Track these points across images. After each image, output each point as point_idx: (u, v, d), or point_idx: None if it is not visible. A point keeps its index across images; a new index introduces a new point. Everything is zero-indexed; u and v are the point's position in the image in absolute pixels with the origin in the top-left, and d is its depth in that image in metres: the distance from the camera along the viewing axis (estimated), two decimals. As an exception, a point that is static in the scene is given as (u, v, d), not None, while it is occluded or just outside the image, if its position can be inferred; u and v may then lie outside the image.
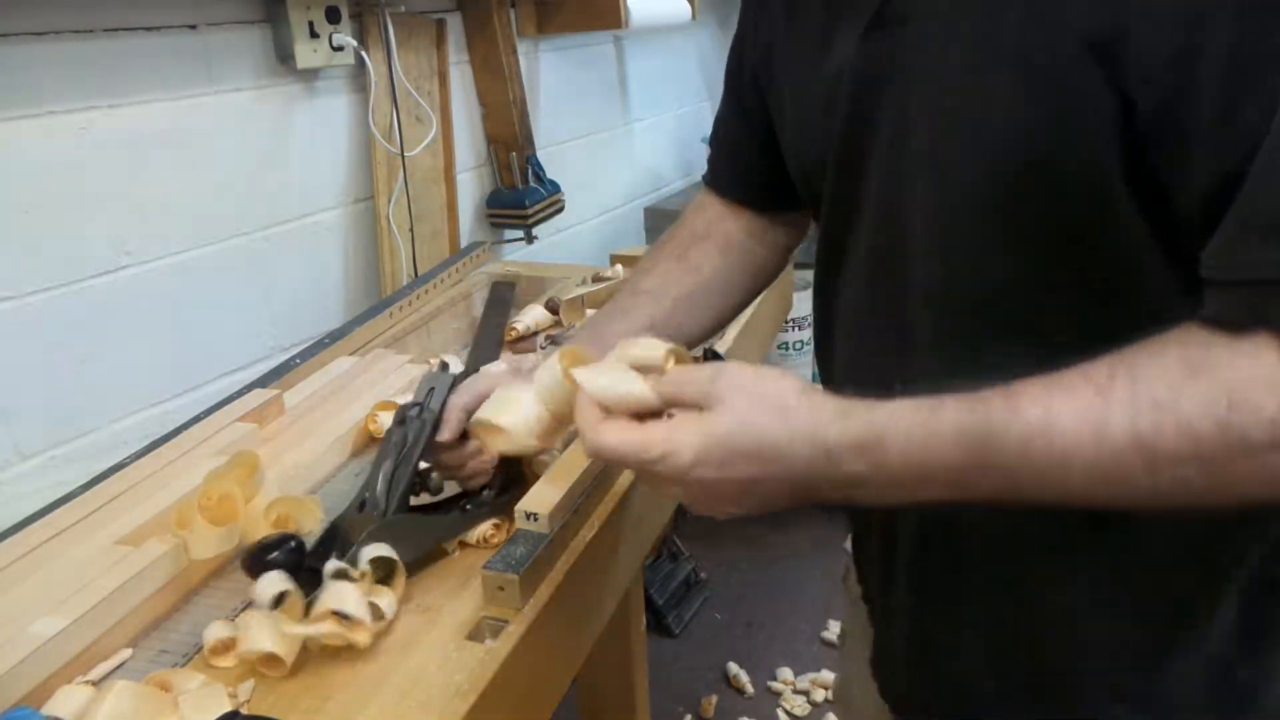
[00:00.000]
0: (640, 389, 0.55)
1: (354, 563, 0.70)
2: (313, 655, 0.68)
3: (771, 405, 0.51)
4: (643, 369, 0.57)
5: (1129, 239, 0.51)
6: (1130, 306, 0.53)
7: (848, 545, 0.80)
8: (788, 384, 0.52)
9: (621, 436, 0.53)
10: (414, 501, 0.79)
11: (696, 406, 0.52)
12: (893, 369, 0.62)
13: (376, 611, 0.68)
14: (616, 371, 0.56)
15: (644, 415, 0.55)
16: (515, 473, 0.84)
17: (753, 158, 0.80)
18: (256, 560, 0.69)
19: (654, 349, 0.58)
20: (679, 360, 0.58)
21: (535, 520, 0.74)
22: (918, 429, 0.49)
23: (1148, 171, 0.49)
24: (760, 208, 0.83)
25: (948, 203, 0.56)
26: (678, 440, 0.51)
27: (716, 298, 0.83)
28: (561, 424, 0.68)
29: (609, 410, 0.55)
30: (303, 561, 0.71)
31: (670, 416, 0.54)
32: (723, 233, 0.83)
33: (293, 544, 0.71)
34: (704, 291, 0.82)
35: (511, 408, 0.68)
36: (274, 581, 0.67)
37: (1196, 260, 0.48)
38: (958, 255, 0.57)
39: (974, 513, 0.52)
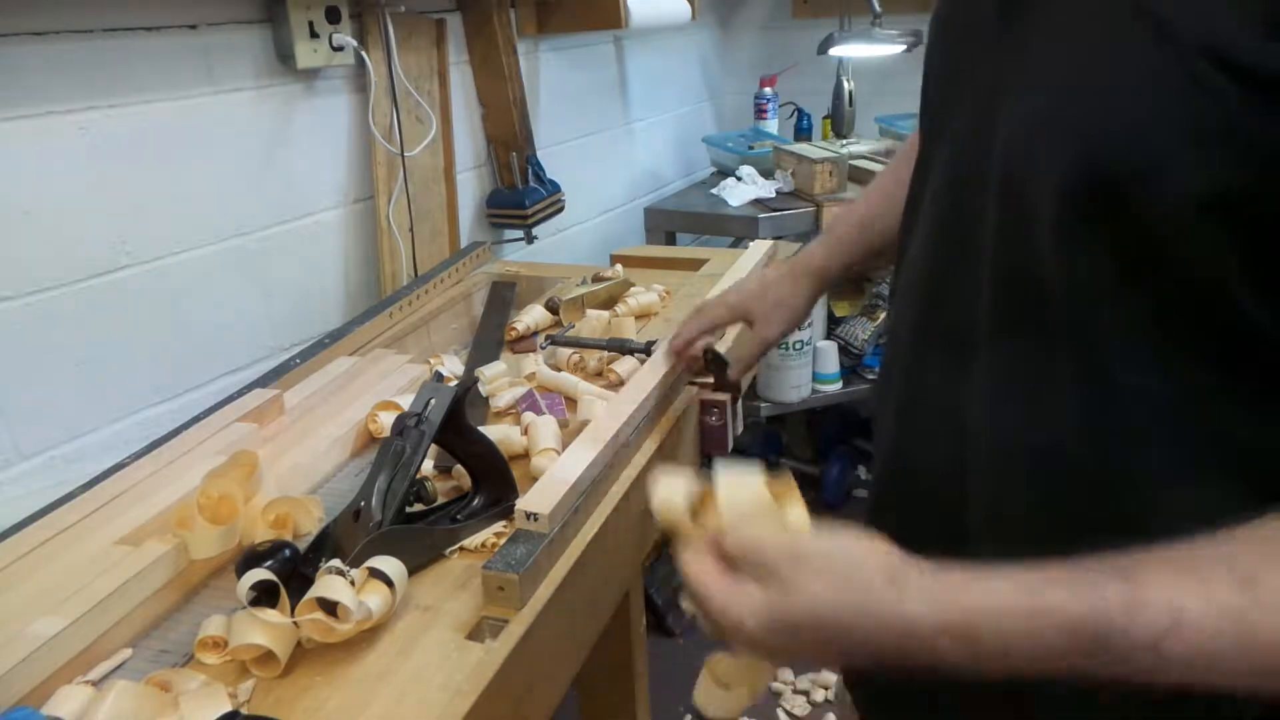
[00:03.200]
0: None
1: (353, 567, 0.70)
2: (312, 655, 0.68)
3: (850, 585, 0.47)
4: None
5: (1214, 279, 0.46)
6: (1210, 348, 0.49)
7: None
8: (872, 560, 0.48)
9: (701, 568, 0.52)
10: (407, 510, 0.80)
11: (764, 578, 0.49)
12: (957, 347, 0.60)
13: (365, 609, 0.68)
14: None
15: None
16: (505, 480, 0.84)
17: None
18: (250, 567, 0.70)
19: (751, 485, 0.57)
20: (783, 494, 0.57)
21: (535, 520, 0.74)
22: (1020, 618, 0.44)
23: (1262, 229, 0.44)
24: None
25: (1025, 181, 0.52)
26: (741, 607, 0.49)
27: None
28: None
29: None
30: (296, 569, 0.71)
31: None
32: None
33: (286, 552, 0.72)
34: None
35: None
36: (252, 577, 0.68)
37: None
38: (1029, 239, 0.52)
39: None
